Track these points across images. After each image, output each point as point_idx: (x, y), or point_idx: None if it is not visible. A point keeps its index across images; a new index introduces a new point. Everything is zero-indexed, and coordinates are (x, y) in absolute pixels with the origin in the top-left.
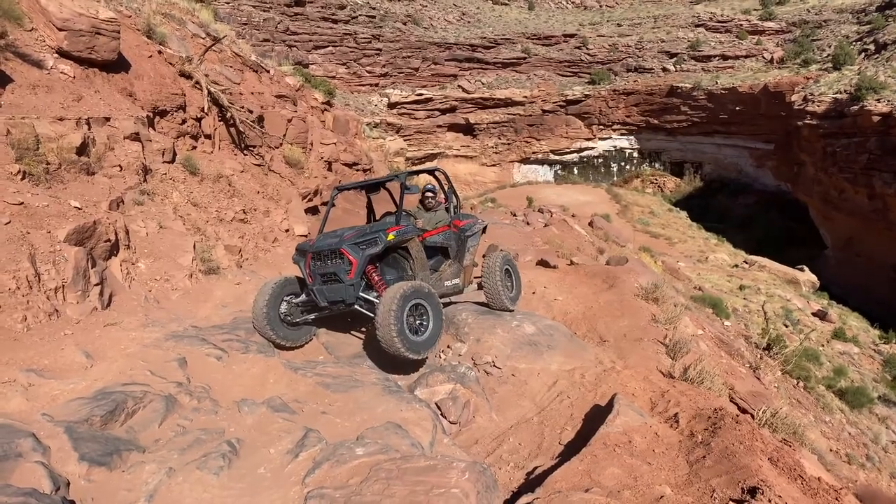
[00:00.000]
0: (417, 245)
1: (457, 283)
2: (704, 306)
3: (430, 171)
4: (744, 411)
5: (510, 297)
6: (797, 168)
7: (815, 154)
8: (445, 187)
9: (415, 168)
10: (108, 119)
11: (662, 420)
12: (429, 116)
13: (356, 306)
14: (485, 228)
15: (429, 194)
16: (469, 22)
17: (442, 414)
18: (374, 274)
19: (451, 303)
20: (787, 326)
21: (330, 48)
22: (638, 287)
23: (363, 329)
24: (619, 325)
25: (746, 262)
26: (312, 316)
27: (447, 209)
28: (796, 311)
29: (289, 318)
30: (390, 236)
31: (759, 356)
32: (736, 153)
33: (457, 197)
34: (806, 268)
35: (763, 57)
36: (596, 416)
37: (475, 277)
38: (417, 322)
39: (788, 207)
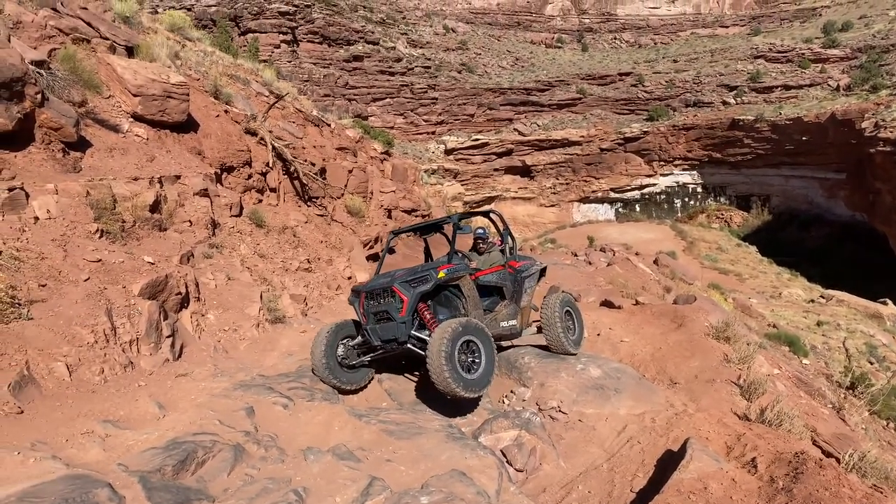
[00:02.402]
0: (469, 283)
1: (514, 325)
2: (780, 344)
3: (485, 213)
4: (828, 455)
5: (572, 340)
6: (872, 197)
7: (890, 181)
8: (501, 228)
9: (470, 210)
10: (178, 177)
11: (739, 465)
12: (485, 160)
13: (408, 345)
14: (543, 270)
15: (479, 241)
16: (523, 66)
17: (507, 461)
18: (426, 312)
19: (511, 346)
20: (871, 364)
21: (388, 99)
22: (708, 326)
23: (425, 374)
24: (690, 366)
25: (823, 297)
26: (368, 357)
27: (503, 251)
28: (881, 347)
29: (346, 360)
30: (441, 274)
31: (842, 396)
32: (805, 184)
33: (512, 238)
34: (889, 301)
35: (828, 85)
36: (668, 462)
37: (534, 321)
38: (469, 359)
39: (865, 238)
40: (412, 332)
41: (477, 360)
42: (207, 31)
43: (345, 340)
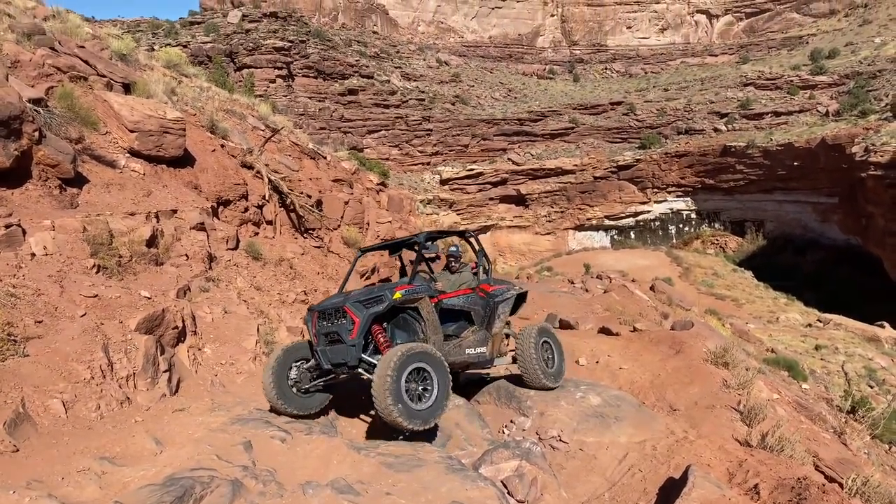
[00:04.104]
0: (429, 306)
1: (482, 353)
2: (779, 369)
3: (461, 234)
4: (831, 480)
5: (548, 373)
6: (865, 220)
7: (882, 205)
8: (476, 250)
9: (441, 230)
10: (175, 211)
11: (742, 492)
12: (480, 190)
13: (359, 370)
14: (523, 296)
15: (451, 258)
16: (515, 98)
17: (508, 492)
18: (380, 335)
19: (488, 377)
20: (871, 387)
21: (383, 132)
22: (706, 352)
23: None
24: (689, 392)
25: (820, 321)
26: (322, 381)
27: (475, 273)
28: (880, 370)
29: (299, 384)
30: (397, 295)
31: (843, 420)
32: (798, 209)
33: (487, 260)
34: (887, 324)
35: (817, 111)
36: (671, 490)
37: (511, 350)
38: (420, 388)
39: (861, 261)
40: (363, 355)
41: (428, 389)
42: (203, 67)
43: (298, 363)
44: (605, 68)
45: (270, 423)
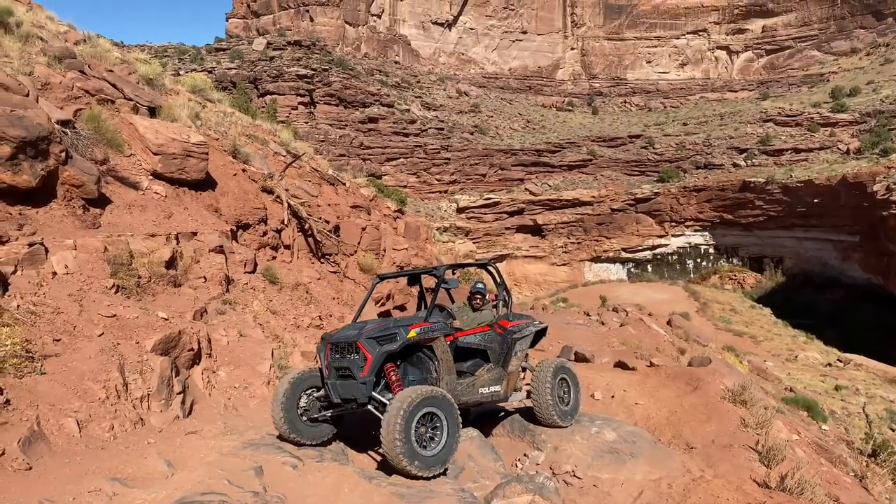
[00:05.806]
0: (443, 345)
1: (496, 391)
2: (798, 409)
3: (483, 265)
4: None
5: (562, 412)
6: (887, 259)
7: None
8: (497, 281)
9: (461, 262)
10: (194, 234)
11: None
12: (497, 219)
13: (369, 406)
14: (543, 331)
15: (477, 295)
16: (534, 129)
17: None
18: (392, 373)
19: (503, 410)
20: (893, 430)
21: (401, 159)
22: (724, 389)
23: None
24: (706, 430)
25: (840, 361)
26: (330, 412)
27: (496, 306)
28: None
29: (308, 412)
30: (412, 333)
31: (864, 464)
32: (818, 246)
33: (508, 294)
34: None
35: (838, 148)
36: None
37: (526, 385)
38: (429, 433)
39: (882, 301)
40: (374, 393)
41: (438, 434)
42: (227, 92)
43: (309, 391)
44: (625, 102)
45: (282, 449)
